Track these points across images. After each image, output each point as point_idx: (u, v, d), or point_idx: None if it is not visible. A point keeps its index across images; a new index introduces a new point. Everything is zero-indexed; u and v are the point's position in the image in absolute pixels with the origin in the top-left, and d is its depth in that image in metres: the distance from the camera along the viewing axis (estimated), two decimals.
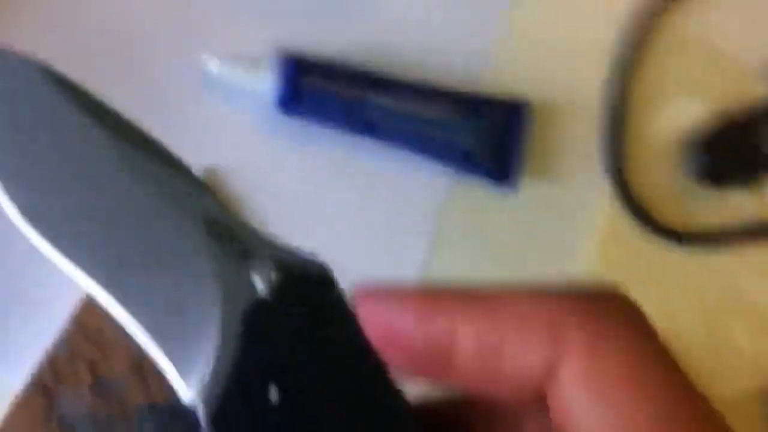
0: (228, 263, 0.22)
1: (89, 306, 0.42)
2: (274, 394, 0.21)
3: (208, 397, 0.21)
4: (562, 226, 0.44)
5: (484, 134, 0.43)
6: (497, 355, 0.20)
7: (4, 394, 0.41)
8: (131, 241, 0.23)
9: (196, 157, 0.24)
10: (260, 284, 0.22)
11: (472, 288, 0.20)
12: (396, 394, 0.21)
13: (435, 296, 0.21)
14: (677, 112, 0.45)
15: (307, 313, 0.22)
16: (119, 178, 0.23)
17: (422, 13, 0.45)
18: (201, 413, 0.21)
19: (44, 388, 0.41)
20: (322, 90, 0.43)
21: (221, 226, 0.23)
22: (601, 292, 0.20)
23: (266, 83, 0.42)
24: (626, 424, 0.18)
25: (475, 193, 0.44)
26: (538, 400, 0.20)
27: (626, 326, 0.19)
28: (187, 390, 0.21)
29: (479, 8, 0.45)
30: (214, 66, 0.42)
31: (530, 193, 0.44)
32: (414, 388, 0.21)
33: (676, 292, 0.43)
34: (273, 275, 0.22)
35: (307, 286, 0.22)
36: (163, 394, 0.41)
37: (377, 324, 0.21)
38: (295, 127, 0.44)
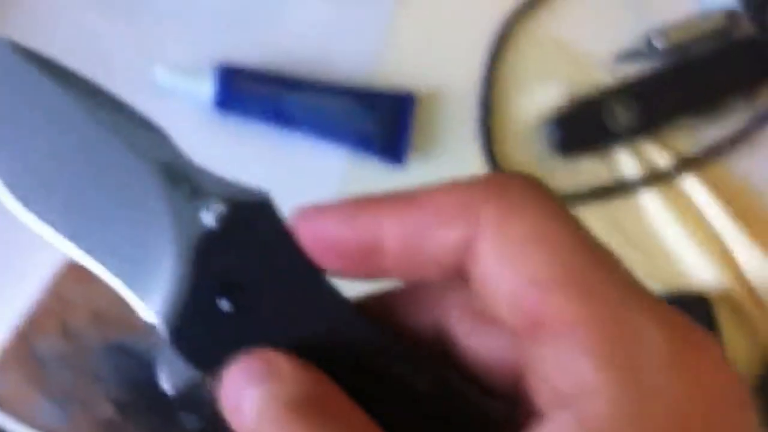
0: (179, 201, 0.23)
1: (61, 274, 0.47)
2: (225, 305, 0.22)
3: (168, 317, 0.22)
4: None
5: (378, 121, 0.50)
6: (420, 242, 0.20)
7: None
8: (90, 185, 0.24)
9: None
10: (208, 217, 0.23)
11: (392, 191, 0.21)
12: (333, 293, 0.22)
13: (357, 201, 0.21)
14: (538, 96, 0.51)
15: (251, 236, 0.23)
16: (80, 129, 0.24)
17: (323, 26, 0.51)
18: (163, 331, 0.22)
19: (23, 336, 0.47)
20: (249, 92, 0.49)
21: (174, 170, 0.24)
22: (507, 175, 0.21)
23: (205, 88, 0.48)
24: (532, 276, 0.19)
25: (371, 170, 0.50)
26: (460, 277, 0.20)
27: (531, 197, 0.19)
28: (149, 313, 0.23)
29: (369, 18, 0.51)
30: (161, 75, 0.48)
31: (417, 168, 0.49)
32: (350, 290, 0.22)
33: None
34: (219, 208, 0.23)
35: (250, 214, 0.23)
36: (117, 335, 0.47)
37: (310, 235, 0.22)
38: (230, 123, 0.50)
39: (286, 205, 0.22)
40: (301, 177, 0.50)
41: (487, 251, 0.19)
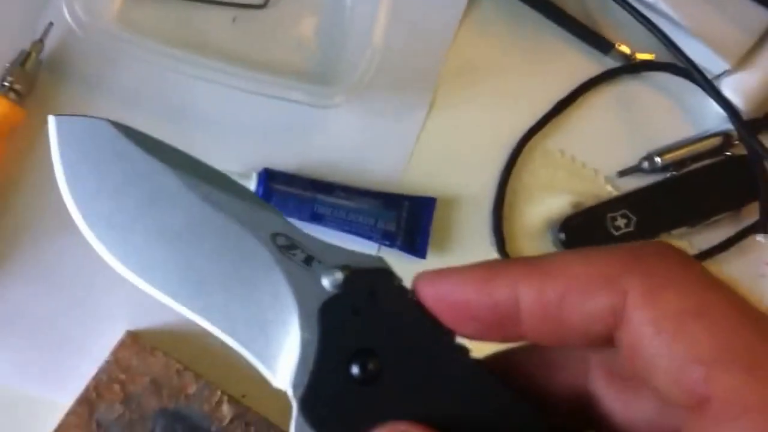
0: (295, 270, 0.23)
1: (121, 347, 0.53)
2: (355, 370, 0.22)
3: (297, 385, 0.22)
4: None
5: (401, 221, 0.55)
6: (561, 310, 0.20)
7: (58, 409, 0.52)
8: (209, 261, 0.24)
9: None
10: (327, 283, 0.23)
11: (526, 256, 0.21)
12: (464, 356, 0.22)
13: (491, 267, 0.21)
14: (546, 204, 0.56)
15: (374, 301, 0.22)
16: (190, 207, 0.24)
17: (356, 138, 0.57)
18: (292, 399, 0.22)
19: (87, 402, 0.52)
20: (286, 193, 0.55)
21: (285, 239, 0.24)
22: (645, 244, 0.20)
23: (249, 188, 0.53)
24: (695, 353, 0.18)
25: (394, 262, 0.55)
26: (602, 344, 0.20)
27: (679, 268, 0.19)
28: (277, 381, 0.23)
29: (399, 132, 0.57)
30: None
31: (436, 262, 0.54)
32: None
33: None
34: (338, 274, 0.23)
35: (368, 279, 0.23)
36: (171, 402, 0.52)
37: (436, 299, 0.21)
38: None
39: None
40: None
41: (641, 324, 0.19)
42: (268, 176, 0.55)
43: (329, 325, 0.22)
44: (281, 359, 0.23)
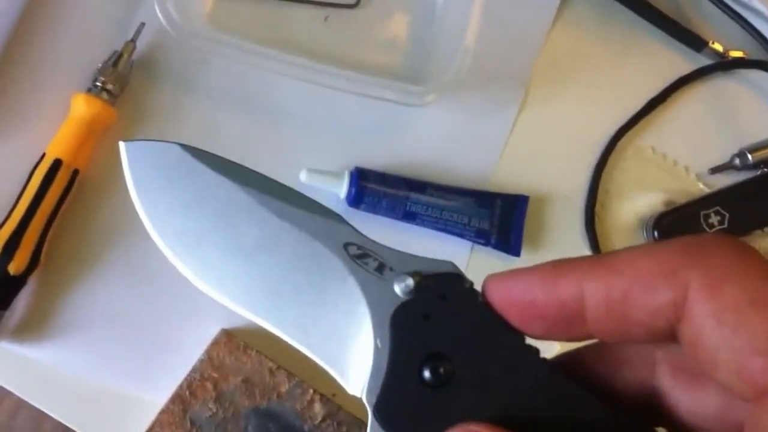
0: (367, 278, 0.23)
1: (215, 345, 0.53)
2: (426, 374, 0.22)
3: (371, 391, 0.22)
4: None
5: (495, 219, 0.55)
6: (625, 306, 0.20)
7: (152, 407, 0.52)
8: (283, 274, 0.24)
9: None
10: (399, 290, 0.23)
11: (590, 255, 0.22)
12: (534, 357, 0.22)
13: (555, 266, 0.21)
14: (639, 202, 0.56)
15: (445, 306, 0.23)
16: (262, 222, 0.25)
17: (449, 136, 0.56)
18: (366, 405, 0.22)
19: (181, 400, 0.52)
20: (378, 192, 0.54)
21: (356, 248, 0.24)
22: (706, 238, 0.20)
23: (340, 188, 0.54)
24: (756, 344, 0.18)
25: (488, 260, 0.55)
26: (667, 338, 0.20)
27: (740, 260, 0.19)
28: (351, 388, 0.23)
29: (491, 130, 0.57)
30: (305, 176, 0.53)
31: (530, 260, 0.51)
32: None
33: None
34: (409, 280, 0.23)
35: (439, 283, 0.23)
36: (263, 400, 0.52)
37: (506, 300, 0.21)
38: (357, 216, 0.55)
39: None
40: None
41: (702, 316, 0.19)
42: (360, 175, 0.55)
43: (401, 331, 0.23)
44: (355, 366, 0.23)
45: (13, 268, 0.51)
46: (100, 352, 0.54)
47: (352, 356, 0.23)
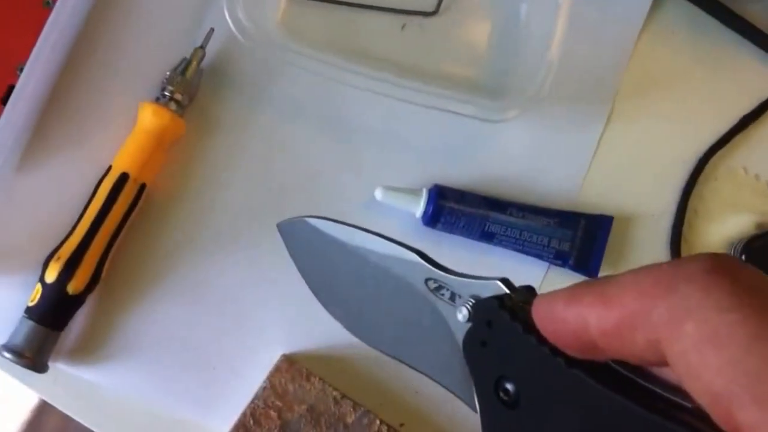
0: (445, 308, 0.25)
1: (277, 371, 0.51)
2: (502, 396, 0.23)
3: (479, 412, 0.24)
4: None
5: (576, 240, 0.52)
6: (619, 340, 0.19)
7: None
8: (394, 317, 0.28)
9: None
10: (461, 318, 0.25)
11: (603, 280, 0.20)
12: (580, 369, 0.21)
13: (572, 291, 0.21)
14: (728, 224, 0.53)
15: (492, 332, 0.23)
16: (372, 274, 0.29)
17: (531, 153, 0.54)
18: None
19: (245, 429, 0.49)
20: (456, 211, 0.52)
21: (433, 282, 0.26)
22: (683, 263, 0.19)
23: (417, 206, 0.51)
24: (712, 383, 0.17)
25: (564, 280, 0.53)
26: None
27: (698, 290, 0.18)
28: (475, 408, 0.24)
29: (575, 147, 0.54)
30: (379, 194, 0.51)
31: None
32: None
33: None
34: (464, 310, 0.25)
35: (485, 309, 0.24)
36: (329, 430, 0.50)
37: (545, 320, 0.22)
38: (431, 236, 0.52)
39: None
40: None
41: (671, 358, 0.18)
42: (438, 193, 0.52)
43: (471, 358, 0.24)
44: (468, 391, 0.24)
45: (73, 287, 0.49)
46: (159, 376, 0.52)
47: (463, 382, 0.25)
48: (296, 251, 0.33)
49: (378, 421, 0.51)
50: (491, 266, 0.53)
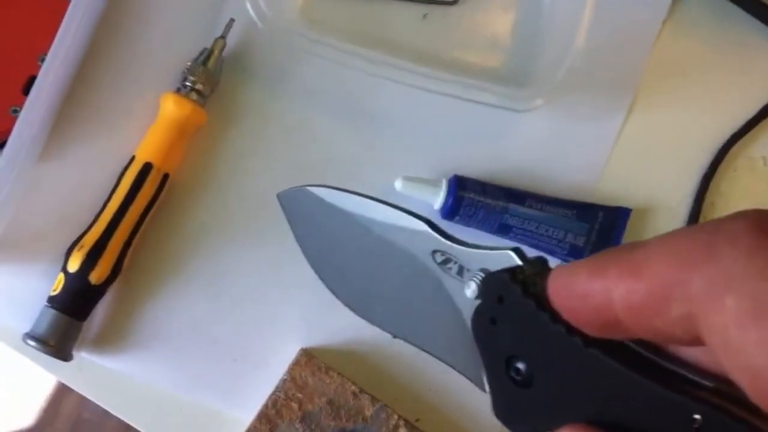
0: (453, 284, 0.24)
1: (297, 365, 0.51)
2: (513, 375, 0.22)
3: (488, 391, 0.23)
4: None
5: (592, 233, 0.52)
6: (647, 314, 0.18)
7: (234, 424, 0.52)
8: (397, 293, 0.26)
9: None
10: (469, 294, 0.24)
11: (626, 247, 0.18)
12: (595, 347, 0.20)
13: (596, 261, 0.19)
14: None
15: (503, 308, 0.22)
16: (375, 246, 0.27)
17: (548, 144, 0.53)
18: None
19: (267, 419, 0.50)
20: (475, 202, 0.51)
21: (440, 254, 0.25)
22: (724, 223, 0.17)
23: (436, 197, 0.51)
24: (750, 360, 0.16)
25: None
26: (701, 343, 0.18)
27: (741, 257, 0.16)
28: (484, 388, 0.23)
29: (594, 138, 0.54)
30: (399, 185, 0.51)
31: None
32: None
33: None
34: (473, 285, 0.23)
35: (496, 285, 0.23)
36: (349, 423, 0.51)
37: (559, 297, 0.20)
38: (447, 229, 0.53)
39: None
40: None
41: (709, 332, 0.17)
42: (458, 183, 0.52)
43: (481, 336, 0.23)
44: (475, 370, 0.24)
45: (95, 277, 0.49)
46: (180, 365, 0.53)
47: (472, 360, 0.24)
48: (296, 223, 0.31)
49: (396, 416, 0.52)
50: None
